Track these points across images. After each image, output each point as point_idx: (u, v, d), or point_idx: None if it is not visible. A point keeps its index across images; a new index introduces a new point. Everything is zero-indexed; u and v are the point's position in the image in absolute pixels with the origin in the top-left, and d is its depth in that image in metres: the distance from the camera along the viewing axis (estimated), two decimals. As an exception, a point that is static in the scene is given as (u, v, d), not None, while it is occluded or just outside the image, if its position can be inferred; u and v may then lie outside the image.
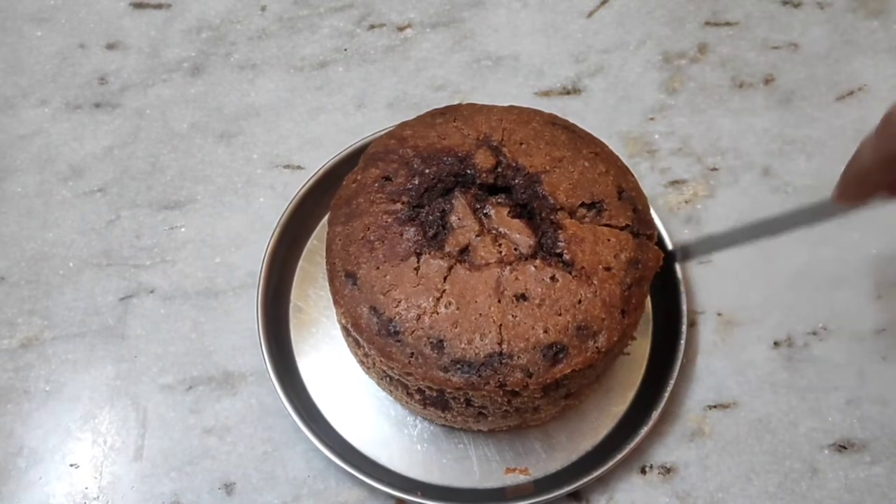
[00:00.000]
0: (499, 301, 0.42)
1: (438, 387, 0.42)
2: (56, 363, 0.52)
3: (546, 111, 0.50)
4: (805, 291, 0.55)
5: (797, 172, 0.58)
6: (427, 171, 0.45)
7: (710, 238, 0.51)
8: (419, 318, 0.42)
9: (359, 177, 0.47)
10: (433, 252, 0.43)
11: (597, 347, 0.42)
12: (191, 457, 0.50)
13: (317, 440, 0.47)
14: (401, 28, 0.64)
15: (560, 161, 0.46)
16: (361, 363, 0.49)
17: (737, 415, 0.51)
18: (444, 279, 0.42)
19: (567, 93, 0.62)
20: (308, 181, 0.54)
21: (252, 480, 0.49)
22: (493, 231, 0.44)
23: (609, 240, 0.44)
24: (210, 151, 0.59)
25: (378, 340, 0.43)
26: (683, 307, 0.51)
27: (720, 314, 0.54)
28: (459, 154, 0.46)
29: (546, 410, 0.46)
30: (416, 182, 0.45)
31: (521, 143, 0.46)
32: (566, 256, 0.43)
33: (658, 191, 0.58)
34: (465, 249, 0.43)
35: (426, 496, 0.47)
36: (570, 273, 0.42)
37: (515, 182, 0.45)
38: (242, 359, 0.52)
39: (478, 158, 0.46)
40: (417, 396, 0.45)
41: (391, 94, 0.61)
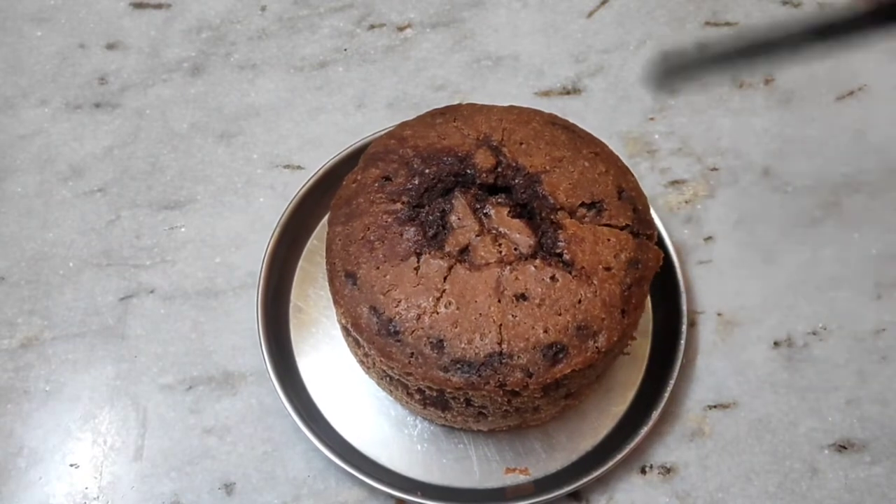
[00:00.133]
0: (499, 301, 0.42)
1: (438, 387, 0.42)
2: (56, 363, 0.53)
3: (546, 111, 0.50)
4: (805, 291, 0.55)
5: (797, 172, 0.58)
6: (427, 171, 0.45)
7: (702, 48, 0.43)
8: (419, 318, 0.42)
9: (359, 177, 0.47)
10: (433, 252, 0.43)
11: (597, 347, 0.42)
12: (191, 457, 0.50)
13: (317, 440, 0.47)
14: (401, 28, 0.64)
15: (560, 161, 0.46)
16: (361, 363, 0.49)
17: (737, 415, 0.51)
18: (444, 279, 0.42)
19: (567, 93, 0.62)
20: (308, 181, 0.54)
21: (252, 480, 0.49)
22: (493, 231, 0.44)
23: (609, 240, 0.44)
24: (210, 151, 0.59)
25: (378, 340, 0.43)
26: (683, 307, 0.51)
27: (720, 314, 0.54)
28: (459, 154, 0.46)
29: (546, 410, 0.46)
30: (416, 182, 0.45)
31: (521, 143, 0.46)
32: (566, 256, 0.43)
33: (658, 191, 0.58)
34: (465, 249, 0.43)
35: (426, 496, 0.47)
36: (570, 273, 0.42)
37: (515, 182, 0.45)
38: (242, 359, 0.52)
39: (478, 158, 0.46)
40: (417, 396, 0.45)
41: (391, 94, 0.61)
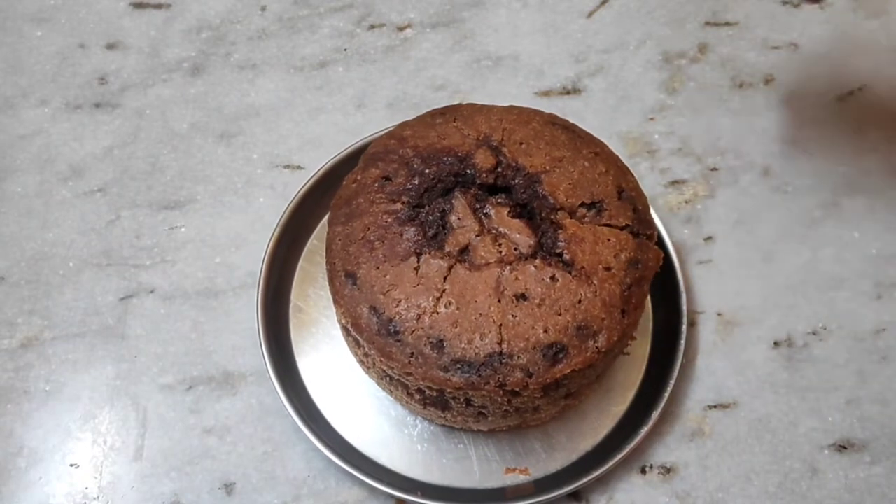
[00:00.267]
0: (499, 301, 0.42)
1: (438, 387, 0.42)
2: (56, 363, 0.53)
3: (546, 111, 0.50)
4: (805, 291, 0.55)
5: (797, 172, 0.58)
6: (427, 171, 0.45)
7: None
8: (419, 318, 0.42)
9: (359, 177, 0.47)
10: (433, 252, 0.43)
11: (597, 347, 0.42)
12: (191, 457, 0.50)
13: (317, 440, 0.47)
14: (401, 28, 0.64)
15: (560, 161, 0.46)
16: (361, 363, 0.49)
17: (737, 415, 0.51)
18: (444, 279, 0.42)
19: (567, 93, 0.62)
20: (308, 181, 0.54)
21: (252, 480, 0.49)
22: (493, 231, 0.44)
23: (609, 240, 0.44)
24: (210, 151, 0.59)
25: (378, 340, 0.43)
26: (683, 307, 0.51)
27: (720, 314, 0.54)
28: (459, 154, 0.46)
29: (546, 410, 0.46)
30: (416, 182, 0.45)
31: (521, 143, 0.46)
32: (566, 256, 0.43)
33: (658, 191, 0.58)
34: (465, 249, 0.43)
35: (426, 496, 0.47)
36: (570, 273, 0.42)
37: (515, 182, 0.45)
38: (242, 359, 0.52)
39: (478, 158, 0.46)
40: (417, 396, 0.45)
41: (391, 94, 0.61)
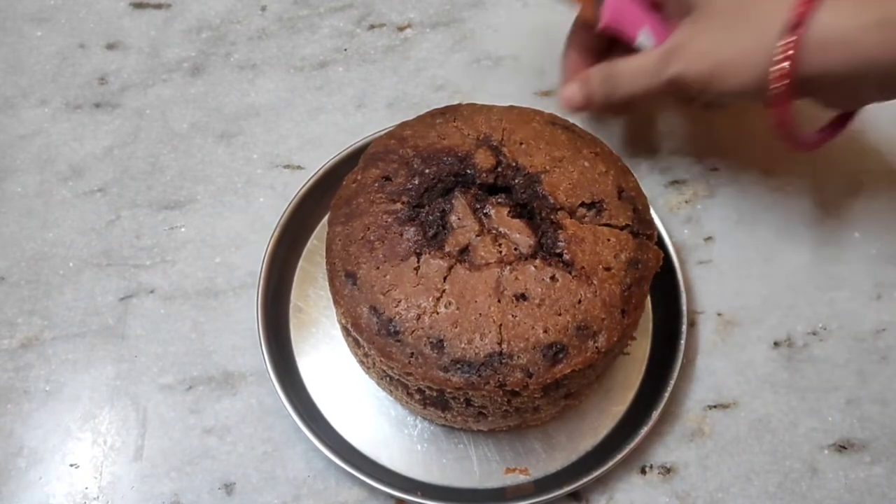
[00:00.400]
0: (499, 301, 0.42)
1: (438, 387, 0.42)
2: (56, 363, 0.53)
3: (546, 111, 0.50)
4: (805, 291, 0.55)
5: (797, 172, 0.58)
6: (427, 171, 0.45)
7: None
8: (419, 318, 0.42)
9: (359, 177, 0.47)
10: (433, 252, 0.43)
11: (597, 347, 0.42)
12: (191, 457, 0.50)
13: (317, 440, 0.47)
14: (401, 28, 0.64)
15: (560, 161, 0.46)
16: (361, 363, 0.49)
17: (737, 415, 0.51)
18: (444, 279, 0.42)
19: (567, 93, 0.62)
20: (308, 181, 0.54)
21: (252, 480, 0.49)
22: (493, 231, 0.44)
23: (609, 240, 0.44)
24: (210, 151, 0.59)
25: (378, 340, 0.43)
26: (683, 307, 0.51)
27: (720, 314, 0.54)
28: (459, 154, 0.46)
29: (546, 410, 0.46)
30: (416, 182, 0.45)
31: (521, 143, 0.46)
32: (566, 256, 0.43)
33: (658, 191, 0.58)
34: (465, 249, 0.43)
35: (426, 496, 0.47)
36: (570, 273, 0.42)
37: (515, 182, 0.45)
38: (242, 359, 0.52)
39: (478, 158, 0.46)
40: (417, 396, 0.45)
41: (391, 94, 0.61)
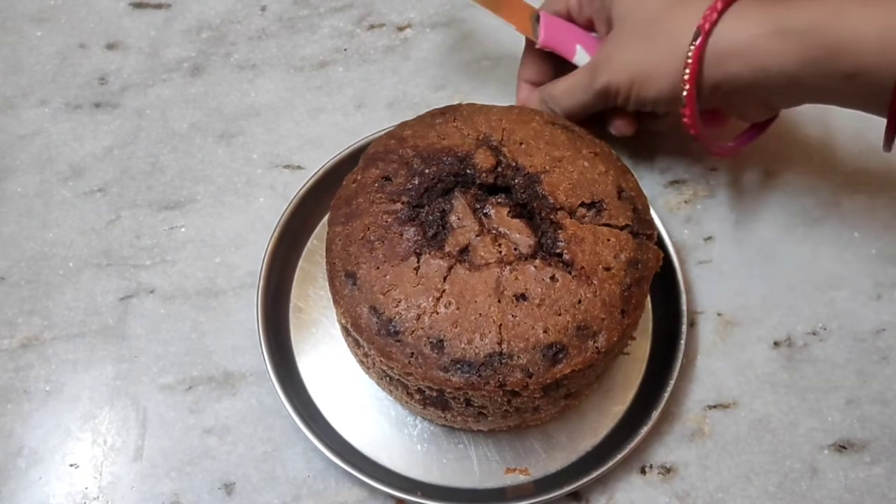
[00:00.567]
0: (499, 301, 0.42)
1: (438, 387, 0.42)
2: (56, 363, 0.52)
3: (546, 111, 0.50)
4: (805, 291, 0.55)
5: (797, 172, 0.58)
6: (427, 171, 0.45)
7: None
8: (419, 318, 0.42)
9: (359, 177, 0.47)
10: (433, 252, 0.43)
11: (597, 347, 0.42)
12: (191, 457, 0.50)
13: (317, 440, 0.47)
14: (401, 28, 0.64)
15: (560, 161, 0.46)
16: (361, 363, 0.49)
17: (737, 415, 0.51)
18: (444, 279, 0.42)
19: (567, 93, 0.62)
20: (308, 181, 0.54)
21: (252, 480, 0.49)
22: (493, 231, 0.44)
23: (609, 240, 0.44)
24: (210, 151, 0.59)
25: (378, 340, 0.43)
26: (683, 307, 0.51)
27: (720, 314, 0.54)
28: (459, 154, 0.46)
29: (546, 410, 0.46)
30: (416, 182, 0.45)
31: (521, 143, 0.46)
32: (566, 256, 0.43)
33: (658, 191, 0.58)
34: (465, 249, 0.43)
35: (426, 496, 0.47)
36: (570, 273, 0.42)
37: (515, 182, 0.45)
38: (242, 359, 0.52)
39: (477, 158, 0.46)
40: (417, 396, 0.45)
41: (391, 94, 0.61)
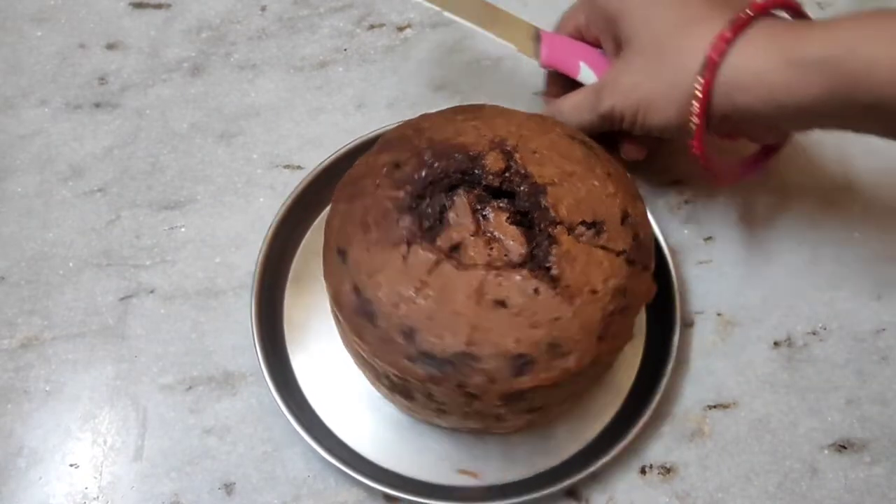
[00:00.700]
0: (477, 303, 0.41)
1: (402, 375, 0.42)
2: (56, 363, 0.53)
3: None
4: (805, 291, 0.55)
5: (797, 172, 0.58)
6: (436, 165, 0.45)
7: None
8: (396, 305, 0.42)
9: (370, 159, 0.47)
10: (424, 244, 0.43)
11: (565, 367, 0.41)
12: (191, 457, 0.50)
13: (312, 441, 0.47)
14: (401, 28, 0.64)
15: (570, 176, 0.45)
16: (342, 338, 0.49)
17: (737, 415, 0.51)
18: (429, 272, 0.42)
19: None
20: (303, 181, 0.54)
21: (252, 480, 0.49)
22: (488, 234, 0.44)
23: (602, 263, 0.43)
24: (210, 151, 0.59)
25: (354, 319, 0.43)
26: (677, 313, 0.51)
27: (720, 314, 0.54)
28: (471, 153, 0.45)
29: (510, 421, 0.46)
30: (423, 174, 0.45)
31: (535, 152, 0.45)
32: (554, 271, 0.42)
33: (658, 191, 0.58)
34: (457, 247, 0.43)
35: (420, 494, 0.47)
36: (555, 289, 0.42)
37: (520, 189, 0.44)
38: (242, 359, 0.52)
39: (488, 160, 0.45)
40: (385, 381, 0.45)
41: (391, 94, 0.61)
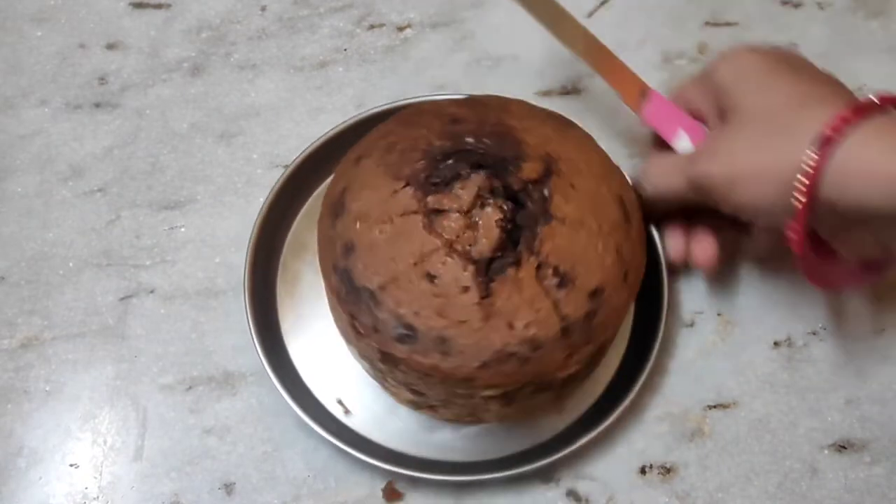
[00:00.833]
0: (413, 264, 0.42)
1: (333, 289, 0.44)
2: (56, 363, 0.53)
3: (630, 181, 0.49)
4: (805, 291, 0.55)
5: (797, 172, 0.58)
6: (484, 140, 0.45)
7: None
8: (357, 220, 0.44)
9: (443, 104, 0.48)
10: (416, 192, 0.44)
11: (432, 364, 0.42)
12: (191, 457, 0.50)
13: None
14: (401, 28, 0.64)
15: (582, 226, 0.43)
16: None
17: (737, 415, 0.51)
18: (401, 215, 0.43)
19: (567, 93, 0.62)
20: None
21: (252, 480, 0.49)
22: (473, 220, 0.43)
23: (538, 312, 0.42)
24: (210, 151, 0.59)
25: (325, 224, 0.45)
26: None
27: (720, 314, 0.54)
28: (518, 151, 0.45)
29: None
30: (469, 140, 0.45)
31: (573, 187, 0.44)
32: (493, 286, 0.42)
33: (658, 191, 0.58)
34: (438, 212, 0.43)
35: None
36: (480, 299, 0.42)
37: (530, 206, 0.44)
38: (242, 359, 0.52)
39: (527, 165, 0.44)
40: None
41: (391, 94, 0.61)
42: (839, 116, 0.39)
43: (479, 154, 0.45)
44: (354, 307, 0.43)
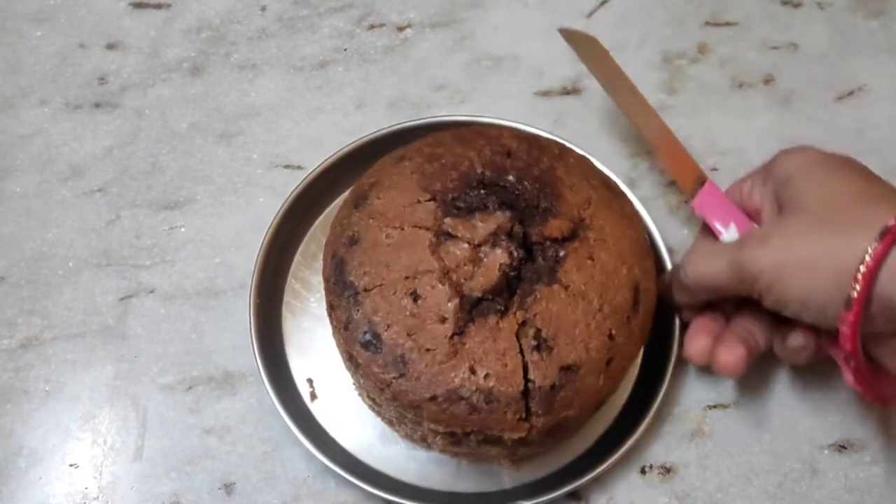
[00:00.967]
0: (404, 277, 0.42)
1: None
2: (56, 363, 0.53)
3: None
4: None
5: (797, 172, 0.58)
6: (525, 183, 0.45)
7: None
8: (373, 217, 0.44)
9: (504, 134, 0.48)
10: (437, 209, 0.44)
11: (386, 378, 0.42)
12: (191, 457, 0.50)
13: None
14: (401, 28, 0.64)
15: (581, 300, 0.42)
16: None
17: (737, 415, 0.51)
18: (413, 225, 0.44)
19: (567, 93, 0.62)
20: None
21: (252, 480, 0.49)
22: (481, 255, 0.43)
23: (506, 366, 0.41)
24: (210, 151, 0.59)
25: (345, 210, 0.46)
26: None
27: (720, 314, 0.54)
28: (555, 203, 0.44)
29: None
30: (510, 178, 0.45)
31: (591, 259, 0.43)
32: (467, 329, 0.42)
33: (658, 191, 0.58)
34: (450, 236, 0.43)
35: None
36: (451, 337, 0.41)
37: (540, 261, 0.43)
38: (242, 359, 0.52)
39: (555, 221, 0.44)
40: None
41: (391, 94, 0.61)
42: None
43: (514, 195, 0.45)
44: (336, 299, 0.44)
